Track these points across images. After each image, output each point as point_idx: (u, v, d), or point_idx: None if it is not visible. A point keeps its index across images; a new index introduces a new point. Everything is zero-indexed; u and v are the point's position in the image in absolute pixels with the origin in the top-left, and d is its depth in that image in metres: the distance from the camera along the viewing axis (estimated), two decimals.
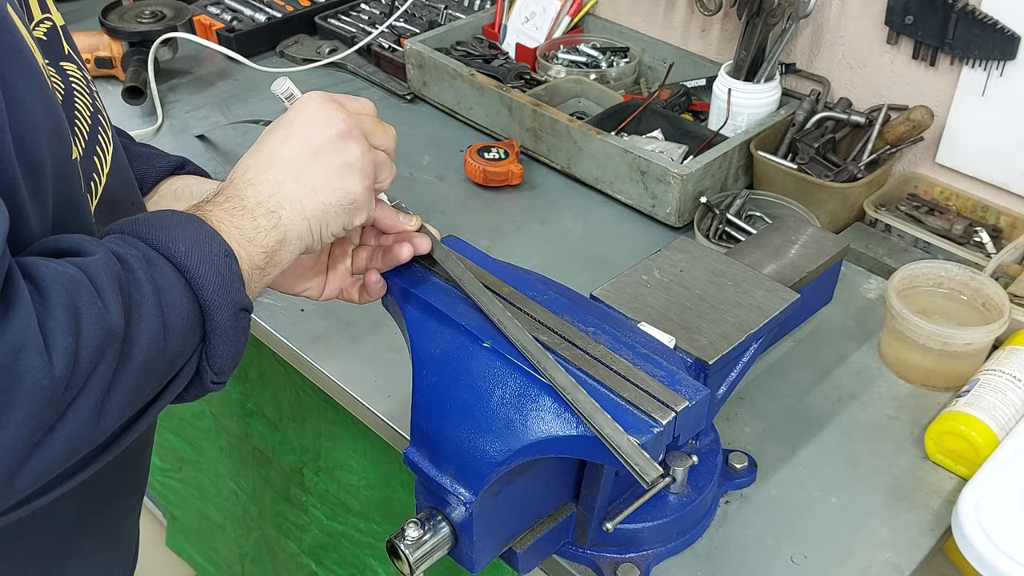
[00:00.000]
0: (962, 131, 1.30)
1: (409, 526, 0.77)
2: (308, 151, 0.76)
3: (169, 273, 0.66)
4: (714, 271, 0.99)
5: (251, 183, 0.75)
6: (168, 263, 0.66)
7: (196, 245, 0.68)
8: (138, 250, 0.66)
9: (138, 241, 0.67)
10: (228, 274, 0.69)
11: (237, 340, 0.70)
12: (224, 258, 0.69)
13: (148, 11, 1.70)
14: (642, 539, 0.91)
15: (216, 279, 0.68)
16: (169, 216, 0.70)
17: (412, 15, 1.82)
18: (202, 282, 0.67)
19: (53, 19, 0.75)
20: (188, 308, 0.66)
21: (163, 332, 0.64)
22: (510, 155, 1.44)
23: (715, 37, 1.57)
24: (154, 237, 0.67)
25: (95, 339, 0.58)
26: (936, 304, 1.14)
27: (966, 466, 0.99)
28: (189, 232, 0.68)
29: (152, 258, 0.66)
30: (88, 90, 0.78)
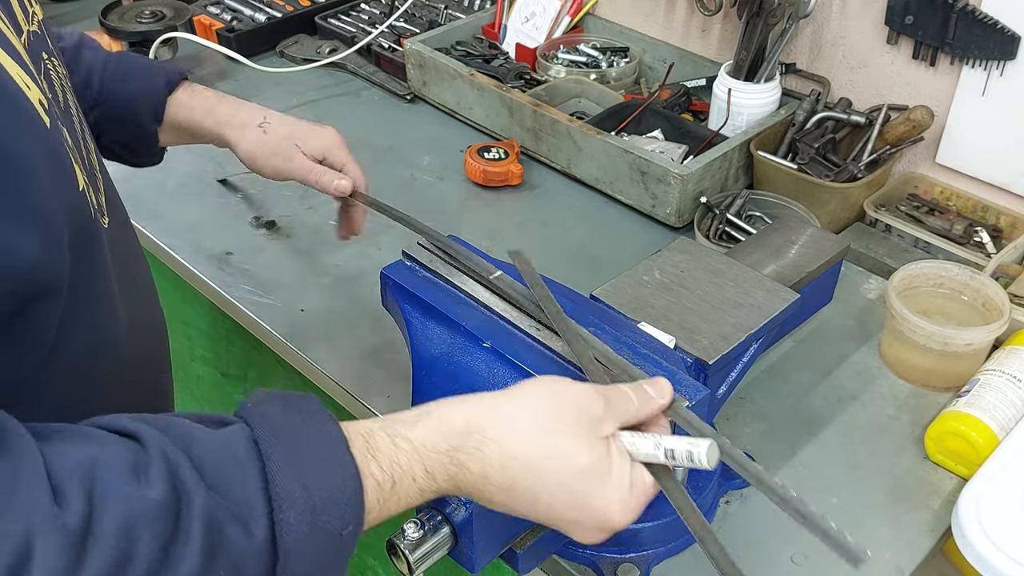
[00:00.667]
0: (962, 131, 1.30)
1: (409, 526, 0.77)
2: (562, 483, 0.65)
3: (257, 538, 0.55)
4: (714, 271, 0.99)
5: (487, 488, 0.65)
6: (267, 526, 0.55)
7: (314, 515, 0.56)
8: (227, 497, 0.54)
9: (258, 479, 0.56)
10: (332, 558, 0.58)
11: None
12: (339, 538, 0.58)
13: (148, 11, 1.70)
14: (642, 539, 0.90)
15: (310, 560, 0.56)
16: (325, 457, 0.58)
17: (412, 15, 1.82)
18: (289, 561, 0.56)
19: (36, 14, 0.74)
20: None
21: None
22: (510, 155, 1.44)
23: (715, 37, 1.57)
24: (280, 485, 0.56)
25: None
26: (936, 304, 1.14)
27: (966, 466, 0.99)
28: (323, 491, 0.57)
29: (246, 511, 0.55)
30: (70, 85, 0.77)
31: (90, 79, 1.03)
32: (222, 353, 1.47)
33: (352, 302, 1.21)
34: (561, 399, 0.67)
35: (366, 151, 1.52)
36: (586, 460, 0.65)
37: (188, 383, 1.59)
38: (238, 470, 0.56)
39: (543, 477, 0.65)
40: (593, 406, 0.67)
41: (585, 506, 0.66)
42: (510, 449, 0.65)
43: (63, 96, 0.73)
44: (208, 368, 1.53)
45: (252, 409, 0.61)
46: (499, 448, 0.65)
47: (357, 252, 1.30)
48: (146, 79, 1.06)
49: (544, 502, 0.66)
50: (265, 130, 1.10)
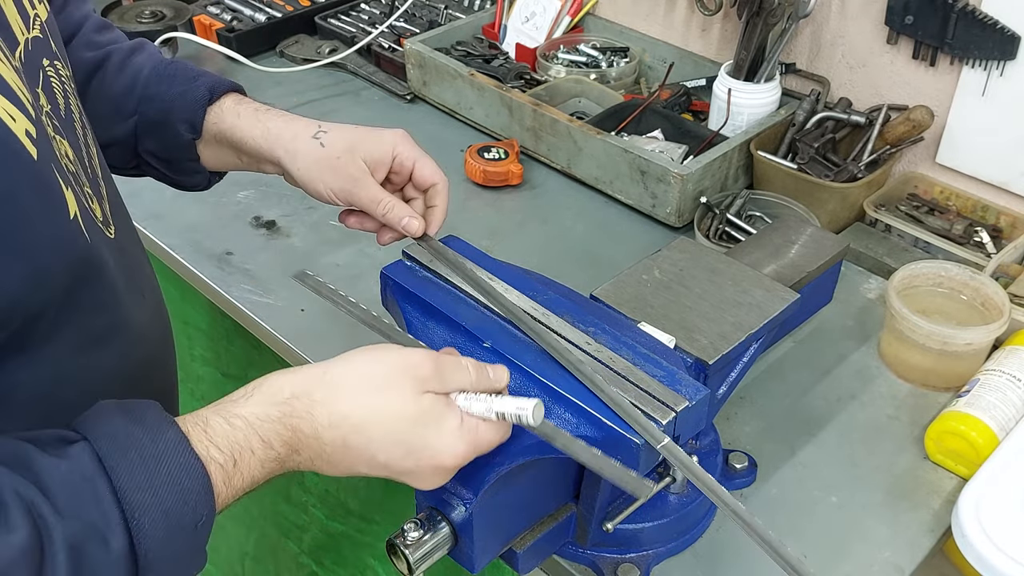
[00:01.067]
0: (962, 131, 1.30)
1: (409, 526, 0.77)
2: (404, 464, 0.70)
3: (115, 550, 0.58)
4: (714, 271, 0.99)
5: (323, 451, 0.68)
6: (124, 535, 0.58)
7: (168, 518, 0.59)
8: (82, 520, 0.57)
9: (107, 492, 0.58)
10: (187, 552, 0.62)
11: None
12: (194, 531, 0.61)
13: (148, 11, 1.70)
14: (642, 539, 0.90)
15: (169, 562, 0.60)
16: (163, 457, 0.61)
17: (412, 15, 1.82)
18: (149, 564, 0.59)
19: (40, 14, 0.74)
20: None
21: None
22: (510, 155, 1.44)
23: (715, 37, 1.57)
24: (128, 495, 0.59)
25: None
26: (936, 304, 1.14)
27: (966, 466, 0.99)
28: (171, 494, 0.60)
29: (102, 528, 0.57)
30: (73, 88, 0.76)
31: (134, 84, 0.95)
32: (222, 353, 1.47)
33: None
34: (388, 361, 0.71)
35: None
36: (412, 410, 0.69)
37: (188, 383, 1.59)
38: (88, 489, 0.58)
39: (373, 432, 0.69)
40: (419, 367, 0.71)
41: (418, 455, 0.70)
42: (338, 408, 0.68)
43: (63, 102, 0.72)
44: (208, 368, 1.53)
45: (91, 424, 0.62)
46: (326, 409, 0.68)
47: (357, 252, 1.30)
48: (187, 84, 0.95)
49: (380, 458, 0.70)
50: (323, 142, 0.94)
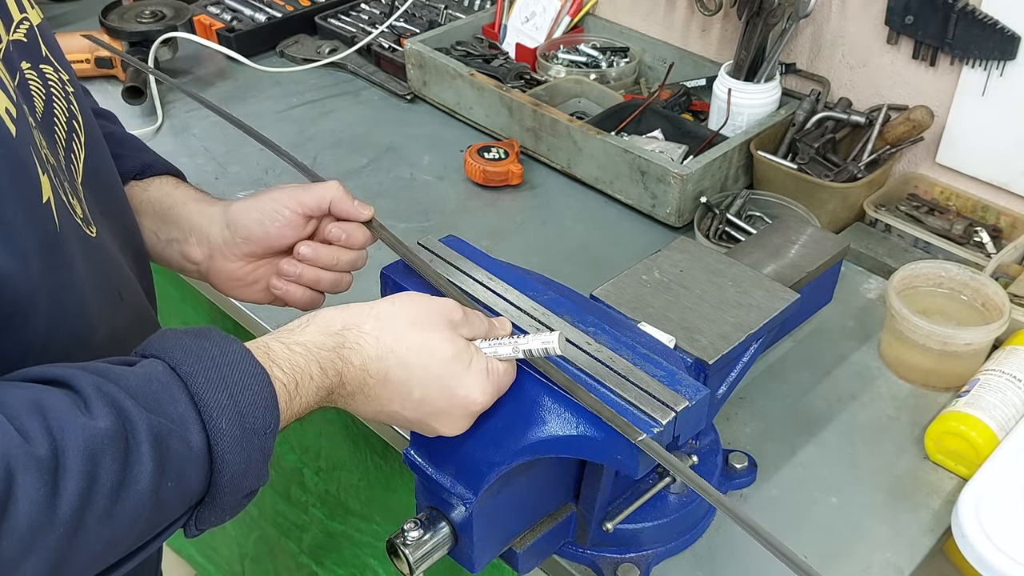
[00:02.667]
0: (962, 131, 1.30)
1: (409, 526, 0.77)
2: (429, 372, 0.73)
3: (195, 447, 0.60)
4: (714, 271, 0.99)
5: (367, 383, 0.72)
6: (202, 433, 0.61)
7: (242, 419, 0.62)
8: (163, 415, 0.59)
9: (183, 395, 0.61)
10: (258, 458, 0.63)
11: (233, 513, 0.66)
12: (264, 436, 0.63)
13: (148, 11, 1.70)
14: (642, 539, 0.91)
15: (242, 464, 0.62)
16: (233, 364, 0.63)
17: (412, 15, 1.82)
18: (227, 465, 0.62)
19: (30, 19, 0.74)
20: (194, 487, 0.61)
21: (149, 512, 0.58)
22: (510, 155, 1.44)
23: (715, 37, 1.57)
24: (204, 395, 0.61)
25: (22, 540, 0.52)
26: (936, 304, 1.14)
27: (966, 466, 0.99)
28: (245, 397, 0.63)
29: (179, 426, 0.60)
30: (64, 92, 0.76)
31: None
32: None
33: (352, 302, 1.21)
34: (428, 304, 0.75)
35: (366, 151, 1.52)
36: (450, 351, 0.73)
37: None
38: (166, 392, 0.61)
39: (415, 367, 0.72)
40: (453, 312, 0.75)
41: (452, 393, 0.73)
42: (385, 342, 0.72)
43: (44, 106, 0.72)
44: None
45: (157, 344, 0.65)
46: (376, 341, 0.72)
47: None
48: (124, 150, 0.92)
49: (416, 394, 0.73)
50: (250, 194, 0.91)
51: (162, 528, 0.62)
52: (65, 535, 0.54)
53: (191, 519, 0.64)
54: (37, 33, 0.74)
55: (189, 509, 0.63)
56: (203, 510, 0.63)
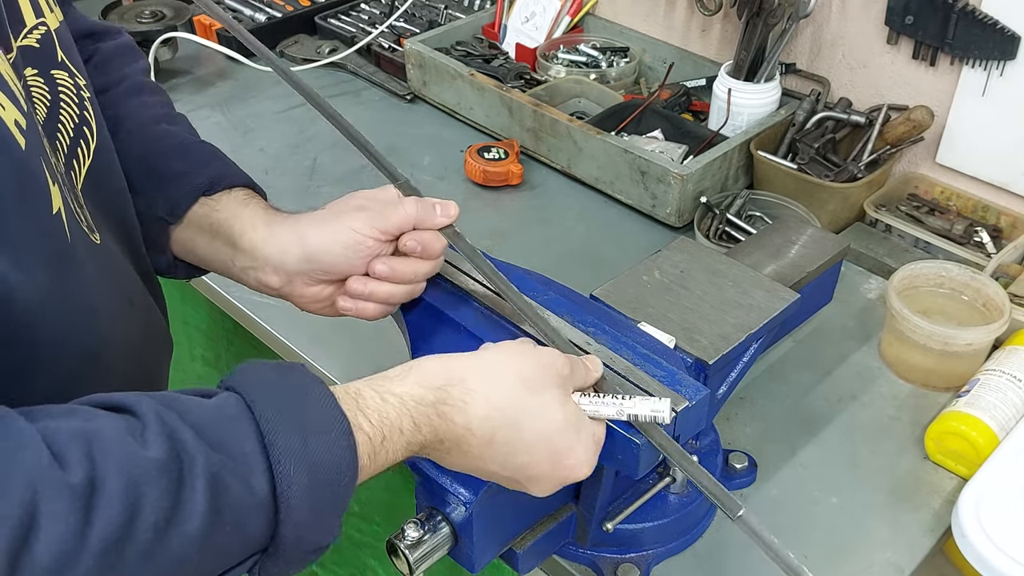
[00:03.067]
0: (962, 131, 1.30)
1: (409, 526, 0.77)
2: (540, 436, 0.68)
3: (258, 492, 0.56)
4: (714, 271, 0.99)
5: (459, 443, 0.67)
6: (268, 480, 0.56)
7: (313, 468, 0.57)
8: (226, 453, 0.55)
9: (254, 436, 0.57)
10: (329, 510, 0.59)
11: (300, 568, 0.61)
12: (336, 489, 0.59)
13: (148, 11, 1.70)
14: (642, 539, 0.90)
15: (308, 516, 0.57)
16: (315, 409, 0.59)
17: (412, 15, 1.82)
18: (292, 515, 0.57)
19: (48, 23, 0.73)
20: (254, 536, 0.57)
21: (198, 554, 0.54)
22: (510, 155, 1.44)
23: (715, 37, 1.57)
24: (276, 440, 0.57)
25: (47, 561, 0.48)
26: (936, 304, 1.14)
27: (966, 466, 0.99)
28: (319, 447, 0.58)
29: (243, 467, 0.56)
30: (79, 99, 0.75)
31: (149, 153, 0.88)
32: (222, 353, 1.47)
33: None
34: (537, 356, 0.70)
35: None
36: (562, 415, 0.69)
37: (188, 383, 1.59)
38: (234, 429, 0.57)
39: (525, 431, 0.68)
40: (562, 366, 0.71)
41: (558, 460, 0.69)
42: (495, 401, 0.67)
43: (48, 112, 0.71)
44: (208, 368, 1.53)
45: (237, 377, 0.61)
46: (484, 400, 0.67)
47: None
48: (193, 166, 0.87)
49: (521, 457, 0.68)
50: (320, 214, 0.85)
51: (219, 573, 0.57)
52: (96, 569, 0.49)
53: (253, 568, 0.60)
54: (54, 37, 0.73)
55: (248, 558, 0.58)
56: (266, 560, 0.59)
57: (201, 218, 0.86)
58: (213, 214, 0.86)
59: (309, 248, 0.82)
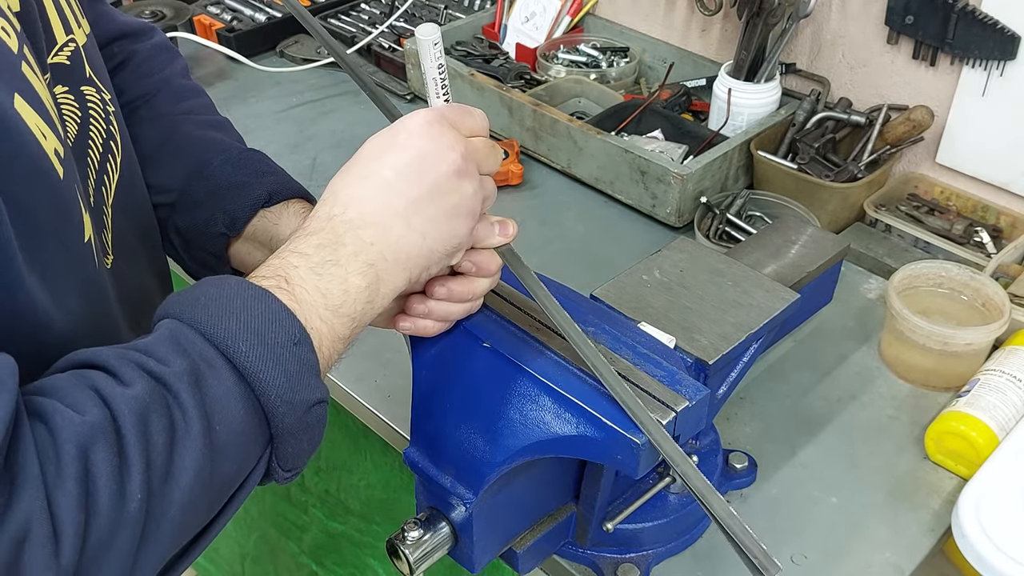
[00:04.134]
0: (962, 131, 1.30)
1: (409, 526, 0.77)
2: (421, 188, 0.68)
3: (226, 379, 0.58)
4: (714, 271, 0.99)
5: (352, 224, 0.66)
6: (227, 364, 0.59)
7: (260, 337, 0.59)
8: (186, 358, 0.58)
9: (195, 336, 0.59)
10: (297, 368, 0.60)
11: (311, 436, 0.63)
12: (294, 347, 0.61)
13: (148, 11, 1.70)
14: (642, 539, 0.90)
15: (281, 378, 0.59)
16: (232, 295, 0.61)
17: (412, 15, 1.82)
18: (266, 385, 0.59)
19: (76, 39, 0.72)
20: (246, 420, 0.59)
21: (211, 461, 0.57)
22: (510, 155, 1.43)
23: (715, 37, 1.57)
24: (214, 329, 0.59)
25: (109, 515, 0.52)
26: (936, 304, 1.14)
27: (966, 466, 0.99)
28: (254, 319, 0.60)
29: (205, 366, 0.58)
30: (104, 113, 0.75)
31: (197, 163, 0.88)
32: None
33: None
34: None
35: None
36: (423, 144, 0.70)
37: None
38: (175, 341, 0.59)
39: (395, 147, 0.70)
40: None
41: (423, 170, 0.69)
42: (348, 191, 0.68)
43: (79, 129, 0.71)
44: None
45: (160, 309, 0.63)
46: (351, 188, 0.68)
47: None
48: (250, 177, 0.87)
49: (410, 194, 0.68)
50: None
51: (242, 478, 0.60)
52: (141, 505, 0.53)
53: (272, 462, 0.62)
54: (83, 54, 0.73)
55: (259, 450, 0.61)
56: (276, 444, 0.61)
57: (260, 232, 0.86)
58: (272, 228, 0.86)
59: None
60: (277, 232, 0.86)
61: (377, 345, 1.15)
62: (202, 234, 0.86)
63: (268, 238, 0.86)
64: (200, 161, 0.87)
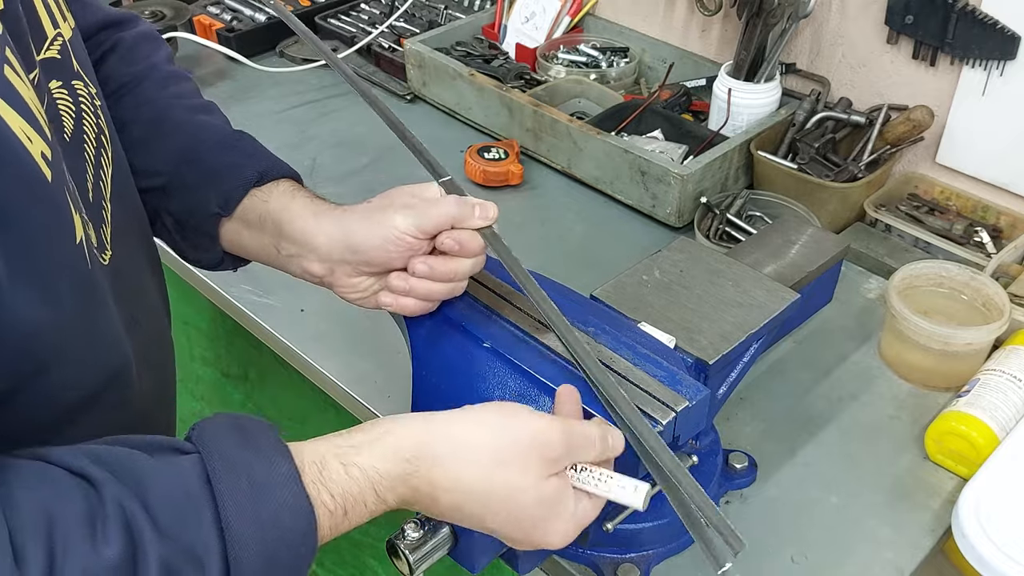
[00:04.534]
0: (962, 131, 1.30)
1: (409, 526, 0.77)
2: (517, 532, 0.69)
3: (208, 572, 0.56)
4: (714, 271, 0.99)
5: (439, 510, 0.67)
6: (222, 563, 0.57)
7: (268, 556, 0.58)
8: (183, 541, 0.56)
9: (209, 513, 0.57)
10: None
11: None
12: (295, 566, 0.60)
13: (148, 11, 1.70)
14: (642, 539, 0.90)
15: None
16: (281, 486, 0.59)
17: (412, 15, 1.82)
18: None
19: (63, 33, 0.72)
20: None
21: None
22: (510, 155, 1.44)
23: (715, 37, 1.57)
24: (233, 521, 0.57)
25: None
26: (936, 304, 1.14)
27: (966, 466, 0.99)
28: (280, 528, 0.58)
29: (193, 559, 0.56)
30: (93, 107, 0.75)
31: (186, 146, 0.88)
32: (222, 353, 1.47)
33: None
34: (519, 433, 0.68)
35: (366, 151, 1.52)
36: (534, 495, 0.68)
37: (188, 383, 1.59)
38: (192, 510, 0.57)
39: (491, 507, 0.68)
40: (551, 448, 0.68)
41: (529, 532, 0.69)
42: (460, 475, 0.67)
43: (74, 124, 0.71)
44: (208, 368, 1.53)
45: (206, 438, 0.62)
46: (447, 473, 0.66)
47: None
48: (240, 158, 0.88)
49: (490, 524, 0.69)
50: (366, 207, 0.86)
51: None
52: None
53: None
54: (70, 48, 0.73)
55: None
56: None
57: (249, 210, 0.87)
58: (262, 205, 0.86)
59: (353, 240, 0.83)
60: (266, 210, 0.86)
61: (377, 345, 1.15)
62: (196, 215, 0.87)
63: (257, 216, 0.86)
64: (191, 144, 0.88)
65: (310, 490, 0.61)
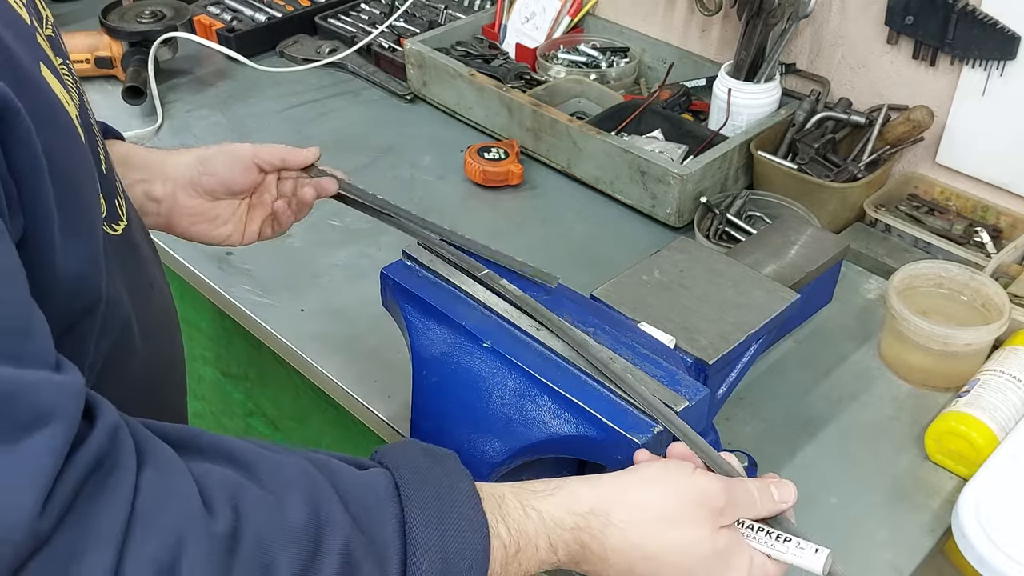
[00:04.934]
0: (962, 131, 1.30)
1: None
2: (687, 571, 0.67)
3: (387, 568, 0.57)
4: (714, 271, 0.99)
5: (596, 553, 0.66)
6: (400, 565, 0.58)
7: (444, 565, 0.59)
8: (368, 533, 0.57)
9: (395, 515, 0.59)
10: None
11: None
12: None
13: (148, 11, 1.70)
14: None
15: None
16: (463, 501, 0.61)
17: (412, 15, 1.82)
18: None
19: (49, 16, 0.73)
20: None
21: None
22: (510, 155, 1.44)
23: (715, 37, 1.57)
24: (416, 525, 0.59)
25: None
26: (936, 304, 1.14)
27: (966, 466, 0.99)
28: (458, 541, 0.59)
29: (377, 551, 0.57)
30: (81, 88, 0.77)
31: None
32: (222, 353, 1.47)
33: (352, 302, 1.21)
34: (687, 489, 0.68)
35: (366, 151, 1.52)
36: (707, 548, 0.67)
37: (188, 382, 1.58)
38: (379, 509, 0.59)
39: (664, 565, 0.67)
40: (715, 498, 0.68)
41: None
42: (633, 537, 0.66)
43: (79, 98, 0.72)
44: (209, 368, 1.53)
45: (393, 455, 0.64)
46: (622, 534, 0.66)
47: (357, 252, 1.30)
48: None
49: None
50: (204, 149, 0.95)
51: None
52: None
53: None
54: (57, 28, 0.75)
55: None
56: None
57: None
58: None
59: (201, 154, 0.93)
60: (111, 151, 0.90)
61: (377, 345, 1.15)
62: None
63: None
64: None
65: (488, 518, 0.62)
